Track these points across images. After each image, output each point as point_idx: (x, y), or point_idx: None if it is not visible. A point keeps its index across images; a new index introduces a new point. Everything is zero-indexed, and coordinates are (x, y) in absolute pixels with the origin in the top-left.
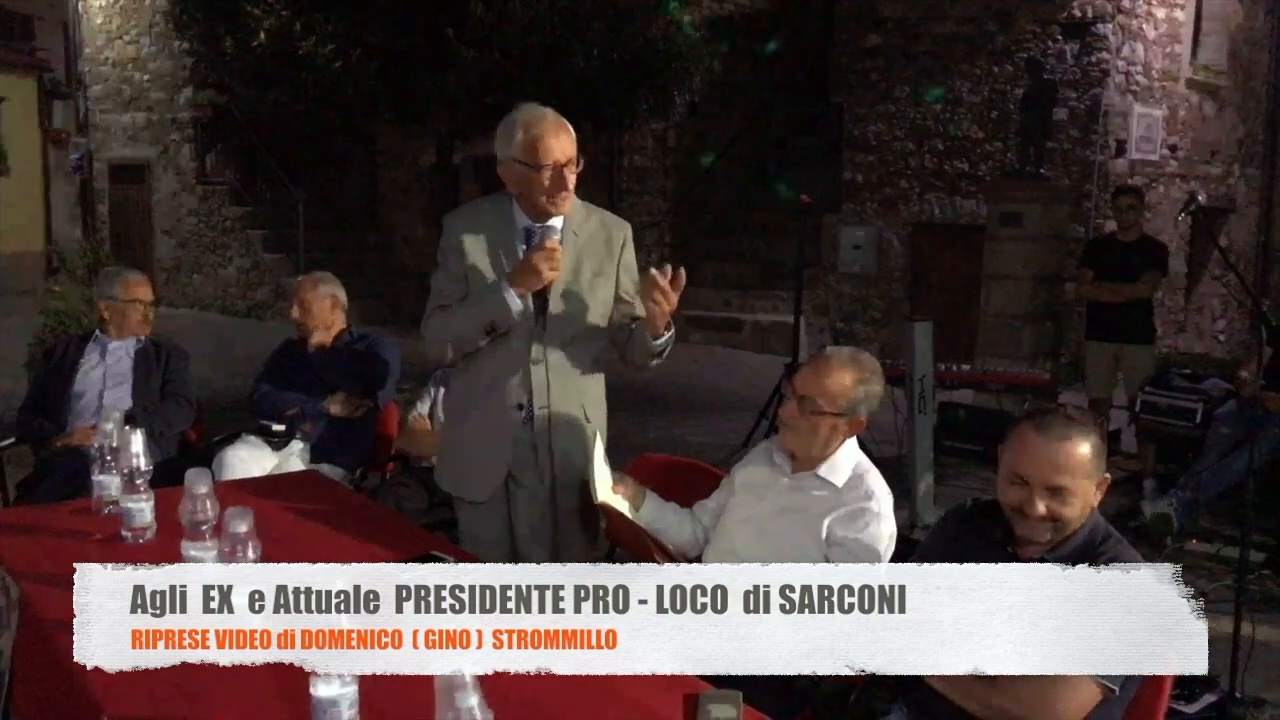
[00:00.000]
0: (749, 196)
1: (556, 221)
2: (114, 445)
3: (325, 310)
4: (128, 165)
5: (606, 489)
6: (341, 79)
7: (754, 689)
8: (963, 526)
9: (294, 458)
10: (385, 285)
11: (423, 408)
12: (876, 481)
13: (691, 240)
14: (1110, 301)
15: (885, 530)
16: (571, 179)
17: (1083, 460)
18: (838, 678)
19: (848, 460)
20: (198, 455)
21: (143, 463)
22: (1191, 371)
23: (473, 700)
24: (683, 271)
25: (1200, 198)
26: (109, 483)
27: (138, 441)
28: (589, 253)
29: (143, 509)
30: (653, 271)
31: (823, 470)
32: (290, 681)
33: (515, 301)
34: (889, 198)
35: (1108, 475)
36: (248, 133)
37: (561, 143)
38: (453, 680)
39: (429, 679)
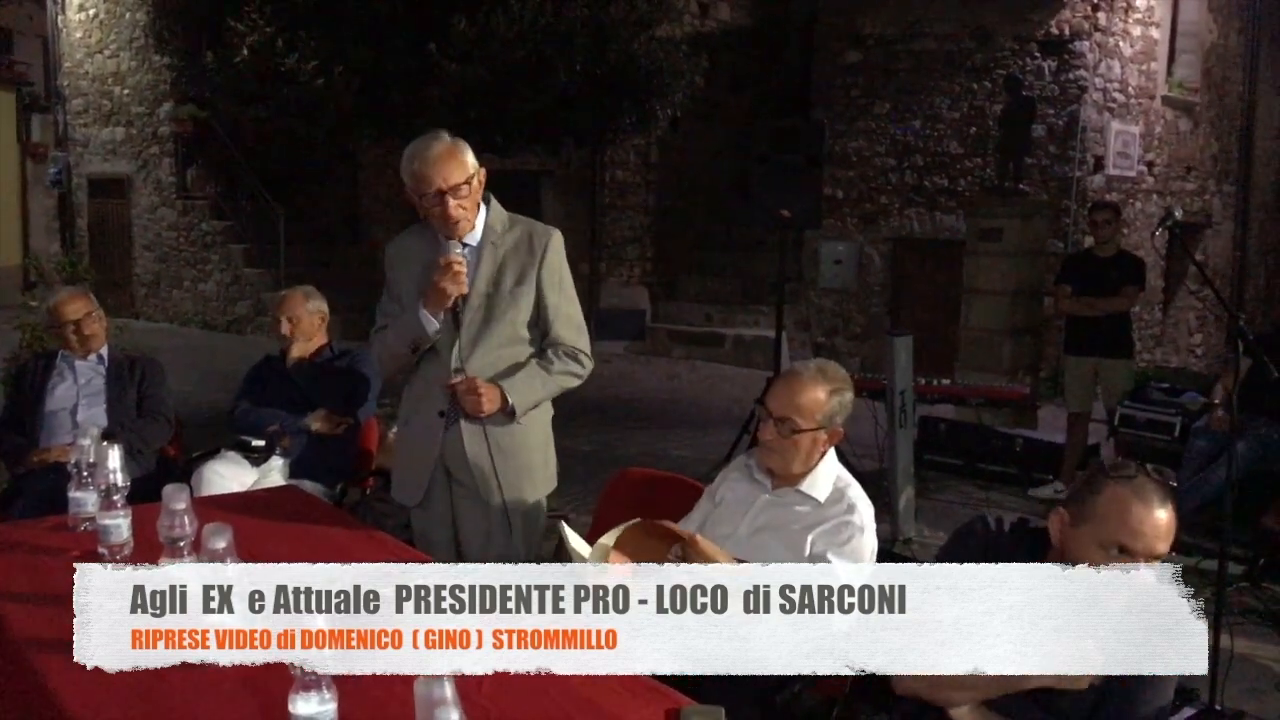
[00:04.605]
0: (730, 212)
1: (474, 235)
2: (91, 461)
3: (314, 326)
4: (107, 179)
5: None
6: (324, 95)
7: (736, 704)
8: (987, 549)
9: (274, 473)
10: (366, 300)
11: None
12: (858, 495)
13: (673, 255)
14: (1088, 316)
15: (868, 544)
16: (454, 203)
17: (1174, 524)
18: (820, 689)
19: (828, 475)
20: (177, 471)
21: (120, 479)
22: (1169, 385)
23: (453, 716)
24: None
25: (1177, 213)
26: (86, 499)
27: (115, 457)
28: (511, 262)
29: (119, 525)
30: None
31: (804, 485)
32: (269, 699)
33: (430, 322)
34: (869, 213)
35: None
36: (228, 147)
37: (441, 170)
38: (432, 696)
39: (408, 696)
